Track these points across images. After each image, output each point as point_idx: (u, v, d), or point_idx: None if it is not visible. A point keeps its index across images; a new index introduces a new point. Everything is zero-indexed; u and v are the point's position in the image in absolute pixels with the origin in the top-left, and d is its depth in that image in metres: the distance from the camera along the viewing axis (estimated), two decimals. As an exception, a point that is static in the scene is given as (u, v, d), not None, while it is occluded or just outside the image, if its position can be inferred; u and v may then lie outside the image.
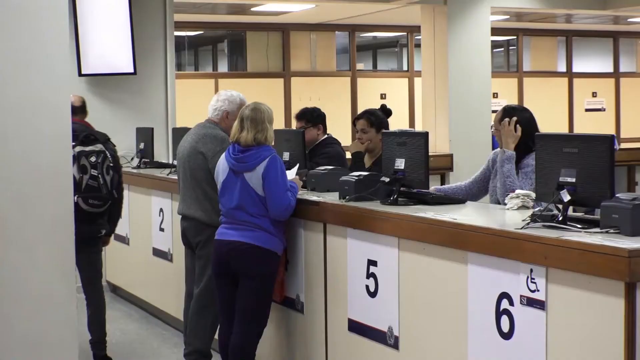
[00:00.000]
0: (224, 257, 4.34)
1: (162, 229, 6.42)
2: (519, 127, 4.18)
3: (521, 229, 3.10)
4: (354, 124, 5.23)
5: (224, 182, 4.39)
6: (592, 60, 13.91)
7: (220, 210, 4.46)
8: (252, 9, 10.19)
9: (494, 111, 8.72)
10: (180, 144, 5.02)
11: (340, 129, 10.95)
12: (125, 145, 7.73)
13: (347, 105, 12.20)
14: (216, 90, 11.22)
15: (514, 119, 4.19)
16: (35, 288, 3.80)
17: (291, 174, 4.62)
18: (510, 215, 3.57)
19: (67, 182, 3.81)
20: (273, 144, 4.43)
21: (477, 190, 4.50)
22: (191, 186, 4.84)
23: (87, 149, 5.16)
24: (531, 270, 3.00)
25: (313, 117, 5.75)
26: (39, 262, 3.79)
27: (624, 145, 11.98)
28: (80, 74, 7.47)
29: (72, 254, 3.85)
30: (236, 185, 4.32)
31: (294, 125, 5.89)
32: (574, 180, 3.13)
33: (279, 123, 10.82)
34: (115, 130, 7.78)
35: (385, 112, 5.22)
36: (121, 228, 7.33)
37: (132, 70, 7.60)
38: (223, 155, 4.47)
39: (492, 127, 4.41)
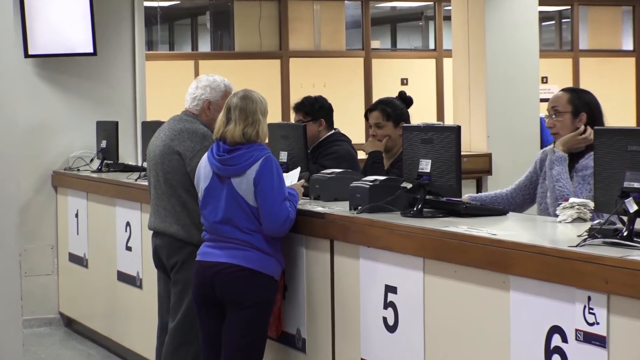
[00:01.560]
0: (208, 282, 4.34)
1: (129, 248, 6.41)
2: (589, 129, 4.19)
3: (576, 246, 3.11)
4: (366, 117, 5.25)
5: (206, 190, 4.40)
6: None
7: (202, 225, 4.48)
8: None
9: (542, 100, 8.74)
10: (151, 142, 5.00)
11: (350, 123, 10.95)
12: (83, 144, 7.76)
13: (359, 94, 12.20)
14: (196, 74, 11.23)
15: (582, 116, 4.21)
16: None
17: (290, 178, 4.64)
18: (562, 230, 3.58)
19: (13, 171, 3.82)
20: (267, 141, 4.45)
21: (521, 199, 4.52)
22: (165, 195, 4.85)
23: None
24: (589, 298, 3.00)
25: (313, 109, 5.77)
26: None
27: None
28: (26, 55, 7.49)
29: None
30: (222, 193, 4.33)
31: (293, 118, 5.92)
32: (642, 185, 3.16)
33: (274, 116, 10.84)
34: (70, 124, 7.81)
35: (405, 100, 5.24)
36: (77, 247, 7.36)
37: (91, 50, 7.61)
38: (205, 156, 4.47)
39: (544, 116, 4.42)
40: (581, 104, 4.31)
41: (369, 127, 5.24)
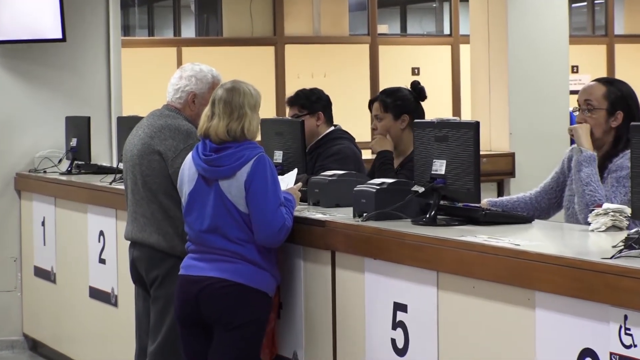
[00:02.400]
0: (192, 299, 4.33)
1: (102, 261, 6.41)
2: (619, 114, 4.20)
3: (611, 258, 3.10)
4: (370, 110, 5.29)
5: (191, 194, 4.40)
6: None
7: (186, 234, 4.49)
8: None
9: (572, 92, 8.73)
10: (128, 140, 4.98)
11: (354, 118, 10.96)
12: (51, 142, 7.77)
13: (364, 86, 12.21)
14: (179, 63, 11.24)
15: (618, 115, 4.21)
16: None
17: (286, 181, 4.64)
18: (595, 240, 3.58)
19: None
20: (259, 138, 4.46)
21: (547, 203, 4.52)
22: (144, 200, 4.84)
23: None
24: (625, 318, 2.99)
25: (310, 101, 5.78)
26: None
27: None
28: (-13, 41, 7.56)
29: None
30: (208, 198, 4.33)
31: (287, 114, 5.93)
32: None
33: (268, 110, 10.84)
34: (37, 119, 7.81)
35: (417, 91, 5.25)
36: (44, 259, 7.36)
37: (59, 36, 7.62)
38: (189, 156, 4.47)
39: (573, 109, 4.42)
40: (618, 100, 4.28)
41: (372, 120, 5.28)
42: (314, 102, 5.79)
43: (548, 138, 9.04)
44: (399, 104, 5.18)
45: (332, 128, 5.80)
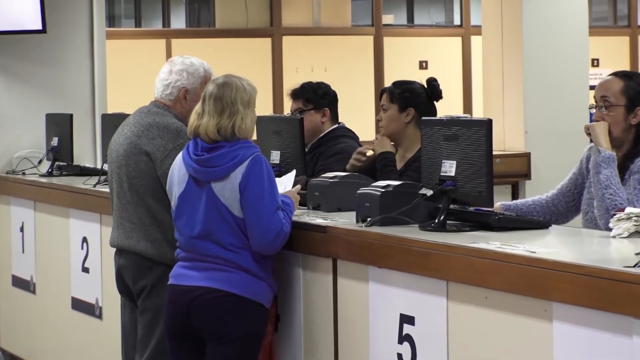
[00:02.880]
0: (183, 311, 4.33)
1: (86, 270, 6.40)
2: (639, 111, 4.20)
3: (634, 267, 3.09)
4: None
5: (181, 197, 4.40)
6: None
7: (176, 241, 4.50)
8: None
9: (592, 87, 8.73)
10: (113, 140, 4.98)
11: (357, 116, 10.97)
12: (30, 141, 7.78)
13: (367, 81, 12.22)
14: (168, 56, 11.24)
15: (638, 112, 4.20)
16: None
17: (284, 184, 4.65)
18: (617, 247, 3.58)
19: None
20: (254, 137, 4.46)
21: (564, 207, 4.52)
22: (131, 204, 4.84)
23: None
24: (650, 330, 3.03)
25: (316, 95, 5.79)
26: None
27: None
28: (-39, 33, 7.56)
29: None
30: (200, 201, 4.33)
31: (288, 107, 5.93)
32: None
33: (264, 107, 10.83)
34: (15, 117, 7.81)
35: (430, 89, 5.23)
36: (23, 268, 7.36)
37: (39, 27, 7.63)
38: (179, 156, 4.48)
39: (590, 106, 4.42)
40: (637, 95, 4.27)
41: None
42: (320, 96, 5.80)
43: (566, 137, 9.02)
44: (407, 96, 5.18)
45: (336, 125, 5.81)
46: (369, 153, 5.25)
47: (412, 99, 5.18)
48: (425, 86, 5.24)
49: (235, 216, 4.28)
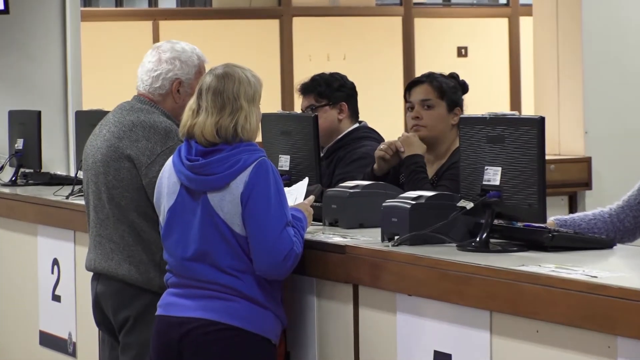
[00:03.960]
0: (174, 347, 4.39)
1: (56, 298, 6.44)
2: None
3: None
4: (406, 98, 5.26)
5: (171, 211, 4.42)
6: None
7: (166, 263, 4.46)
8: None
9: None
10: (89, 142, 5.01)
11: (382, 113, 10.97)
12: (-11, 144, 7.82)
13: (395, 70, 12.24)
14: (155, 41, 11.30)
15: None
16: None
17: (294, 194, 4.64)
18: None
19: None
20: (260, 139, 4.46)
21: (632, 223, 4.50)
22: (111, 219, 4.84)
23: None
24: None
25: (331, 88, 5.77)
26: None
27: None
28: None
29: None
30: (194, 216, 4.35)
31: (298, 105, 5.93)
32: None
33: (271, 103, 10.86)
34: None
35: (462, 85, 5.24)
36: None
37: (1, 7, 7.66)
38: (169, 162, 4.48)
39: None
40: None
41: (408, 110, 5.23)
42: (335, 89, 5.77)
43: (634, 139, 9.02)
44: (457, 94, 5.15)
45: (357, 125, 5.79)
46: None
47: (458, 97, 5.17)
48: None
49: (236, 234, 4.27)
